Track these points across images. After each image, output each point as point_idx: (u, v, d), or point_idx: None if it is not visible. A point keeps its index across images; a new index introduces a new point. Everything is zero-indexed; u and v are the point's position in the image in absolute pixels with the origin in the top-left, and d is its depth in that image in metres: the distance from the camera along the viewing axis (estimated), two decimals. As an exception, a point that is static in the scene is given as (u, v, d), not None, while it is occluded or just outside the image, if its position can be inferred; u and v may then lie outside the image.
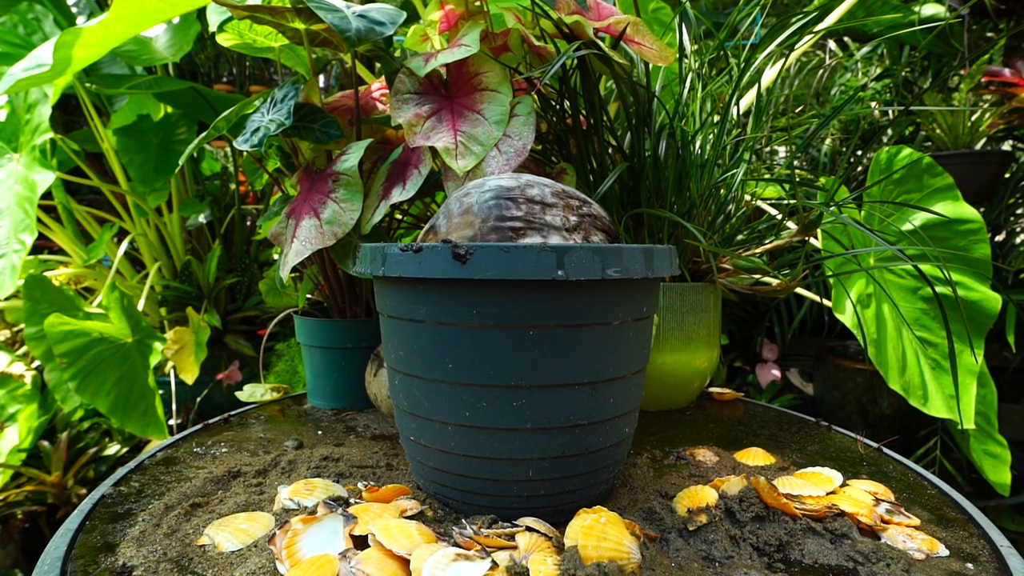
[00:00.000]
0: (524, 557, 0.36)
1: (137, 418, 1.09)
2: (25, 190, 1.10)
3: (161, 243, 1.55)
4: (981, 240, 1.03)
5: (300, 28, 0.66)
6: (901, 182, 1.05)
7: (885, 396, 1.41)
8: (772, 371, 1.64)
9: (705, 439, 0.64)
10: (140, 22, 0.86)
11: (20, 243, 1.06)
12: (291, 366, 1.41)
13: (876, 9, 1.43)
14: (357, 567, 0.34)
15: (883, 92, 1.66)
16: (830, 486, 0.48)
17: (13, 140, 1.18)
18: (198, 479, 0.51)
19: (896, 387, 0.91)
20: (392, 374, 0.45)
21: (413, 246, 0.39)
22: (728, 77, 0.76)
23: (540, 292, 0.38)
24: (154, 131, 1.46)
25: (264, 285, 0.86)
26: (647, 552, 0.38)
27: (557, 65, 0.56)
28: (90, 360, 1.04)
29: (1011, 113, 1.38)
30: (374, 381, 0.67)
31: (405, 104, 0.63)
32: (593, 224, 0.45)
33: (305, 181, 0.67)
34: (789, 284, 0.66)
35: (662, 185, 0.69)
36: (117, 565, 0.38)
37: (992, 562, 0.40)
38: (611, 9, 0.69)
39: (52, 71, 0.91)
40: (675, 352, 0.69)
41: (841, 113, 1.67)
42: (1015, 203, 1.52)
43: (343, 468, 0.53)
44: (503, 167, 0.58)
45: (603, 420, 0.43)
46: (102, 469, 1.36)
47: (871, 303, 0.96)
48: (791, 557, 0.40)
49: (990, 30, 1.70)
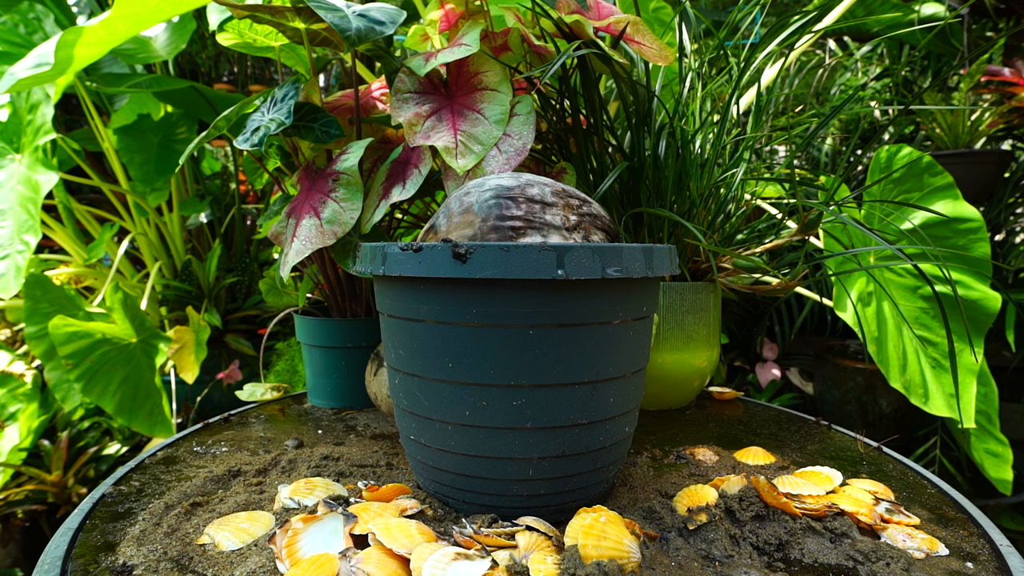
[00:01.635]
0: (524, 556, 0.36)
1: (144, 417, 1.09)
2: (28, 191, 1.10)
3: (161, 242, 1.55)
4: (981, 239, 1.04)
5: (300, 27, 0.66)
6: (901, 181, 1.06)
7: (885, 395, 1.41)
8: (772, 370, 1.64)
9: (705, 438, 0.64)
10: (141, 21, 0.86)
11: (24, 244, 1.06)
12: (291, 365, 1.42)
13: (876, 8, 1.43)
14: (357, 566, 0.34)
15: (883, 91, 1.66)
16: (830, 485, 0.48)
17: (15, 141, 1.18)
18: (198, 478, 0.51)
19: (897, 385, 0.91)
20: (392, 373, 0.45)
21: (413, 245, 0.39)
22: (728, 76, 0.77)
23: (540, 291, 0.38)
24: (154, 130, 1.46)
25: (264, 284, 0.86)
26: (647, 551, 0.38)
27: (557, 64, 0.56)
28: (95, 361, 1.04)
29: (1011, 112, 1.38)
30: (374, 380, 0.67)
31: (405, 103, 0.63)
32: (593, 223, 0.45)
33: (305, 180, 0.67)
34: (789, 283, 0.66)
35: (662, 184, 0.69)
36: (117, 564, 0.38)
37: (992, 561, 0.40)
38: (611, 8, 0.69)
39: (54, 70, 0.91)
40: (675, 351, 0.69)
41: (841, 112, 1.67)
42: (1015, 202, 1.52)
43: (343, 467, 0.53)
44: (503, 166, 0.58)
45: (603, 419, 0.43)
46: (102, 468, 1.36)
47: (872, 301, 0.96)
48: (791, 556, 0.40)
49: (990, 29, 1.70)
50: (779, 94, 1.73)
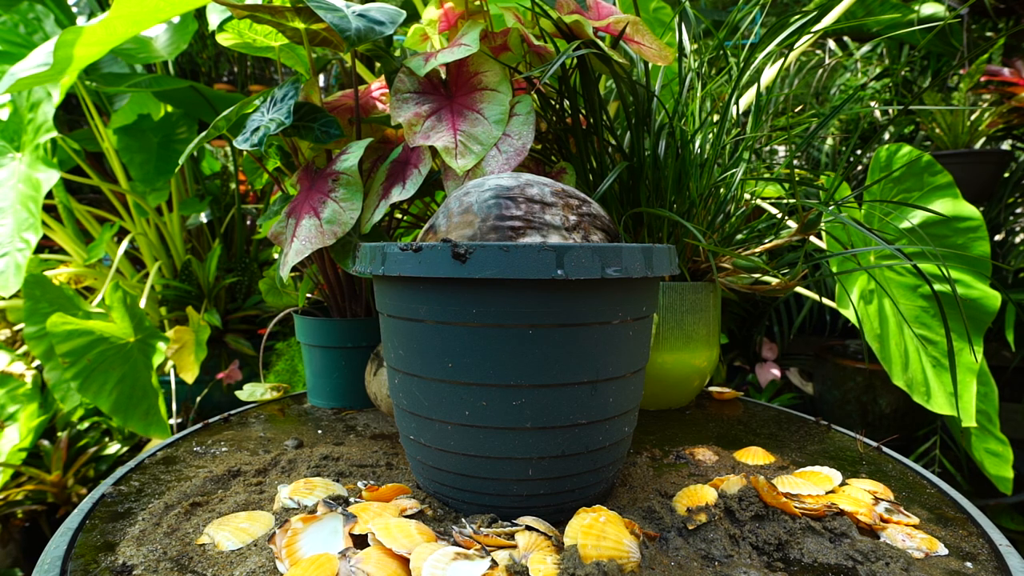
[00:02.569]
0: (524, 556, 0.36)
1: (139, 418, 1.09)
2: (28, 189, 1.10)
3: (161, 242, 1.55)
4: (981, 237, 1.04)
5: (300, 27, 0.66)
6: (901, 180, 1.06)
7: (885, 395, 1.41)
8: (772, 370, 1.64)
9: (705, 438, 0.64)
10: (141, 21, 0.86)
11: (24, 242, 1.06)
12: (291, 365, 1.42)
13: (875, 8, 1.43)
14: (357, 566, 0.34)
15: (883, 91, 1.66)
16: (829, 485, 0.48)
17: (15, 139, 1.18)
18: (198, 478, 0.51)
19: (900, 383, 0.91)
20: (392, 373, 0.45)
21: (413, 245, 0.39)
22: (728, 76, 0.77)
23: (540, 291, 0.38)
24: (154, 130, 1.46)
25: (264, 284, 0.86)
26: (647, 551, 0.38)
27: (557, 64, 0.56)
28: (92, 360, 1.04)
29: (1010, 112, 1.38)
30: (374, 380, 0.67)
31: (405, 103, 0.63)
32: (592, 223, 0.45)
33: (305, 180, 0.67)
34: (789, 283, 0.66)
35: (661, 184, 0.69)
36: (117, 564, 0.38)
37: (991, 561, 0.40)
38: (611, 8, 0.69)
39: (53, 70, 0.91)
40: (675, 351, 0.69)
41: (841, 112, 1.67)
42: (1014, 202, 1.52)
43: (343, 467, 0.53)
44: (503, 166, 0.58)
45: (603, 419, 0.43)
46: (102, 468, 1.36)
47: (874, 299, 0.96)
48: (790, 556, 0.40)
49: (990, 29, 1.70)
50: (779, 94, 1.73)
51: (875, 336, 0.92)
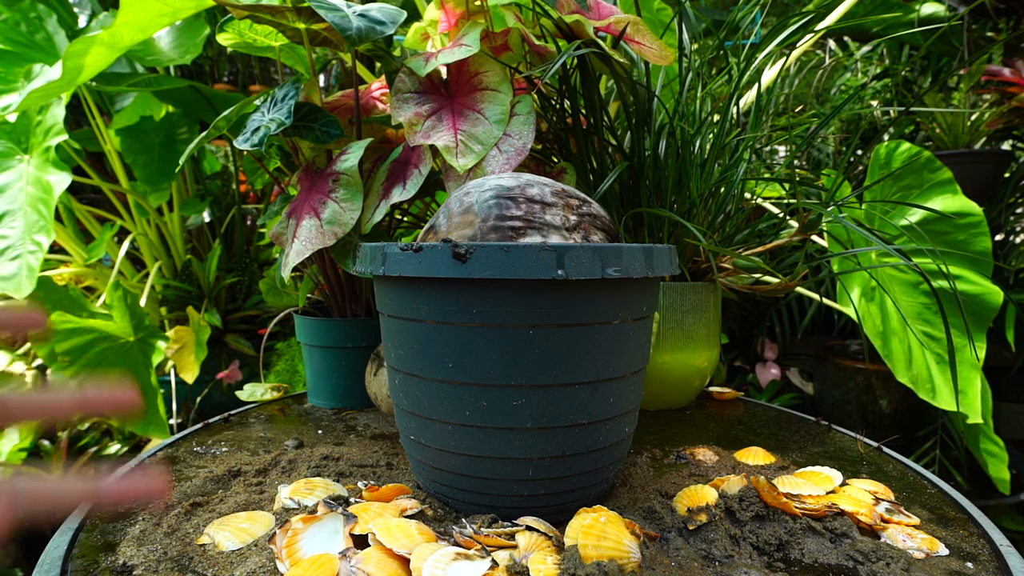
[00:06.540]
0: (524, 556, 0.36)
1: (138, 417, 1.09)
2: (38, 191, 1.10)
3: (162, 242, 1.55)
4: (981, 233, 1.04)
5: (300, 27, 0.66)
6: (900, 177, 1.06)
7: (885, 395, 1.41)
8: (772, 370, 1.64)
9: (705, 438, 0.64)
10: (145, 27, 0.86)
11: (36, 244, 1.06)
12: (291, 365, 1.42)
13: (876, 9, 1.43)
14: (357, 566, 0.34)
15: (883, 91, 1.66)
16: (830, 485, 0.48)
17: (24, 141, 1.18)
18: (198, 478, 0.51)
19: (904, 380, 0.91)
20: (392, 373, 0.45)
21: (413, 245, 0.39)
22: (728, 76, 0.76)
23: (540, 291, 0.38)
24: (156, 131, 1.46)
25: (264, 284, 0.86)
26: (647, 551, 0.38)
27: (557, 64, 0.56)
28: (91, 358, 1.04)
29: (1010, 112, 1.38)
30: (374, 380, 0.67)
31: (405, 103, 0.63)
32: (593, 223, 0.45)
33: (305, 181, 0.67)
34: (789, 283, 0.66)
35: (662, 184, 0.69)
36: (117, 564, 0.38)
37: (992, 561, 0.40)
38: (611, 8, 0.69)
39: (63, 80, 0.91)
40: (675, 351, 0.69)
41: (841, 112, 1.67)
42: (1015, 202, 1.52)
43: (343, 467, 0.53)
44: (503, 166, 0.58)
45: (603, 419, 0.43)
46: (102, 468, 1.36)
47: (876, 297, 0.96)
48: (791, 556, 0.40)
49: (990, 30, 1.69)
50: (779, 94, 1.73)
51: (877, 333, 0.92)
